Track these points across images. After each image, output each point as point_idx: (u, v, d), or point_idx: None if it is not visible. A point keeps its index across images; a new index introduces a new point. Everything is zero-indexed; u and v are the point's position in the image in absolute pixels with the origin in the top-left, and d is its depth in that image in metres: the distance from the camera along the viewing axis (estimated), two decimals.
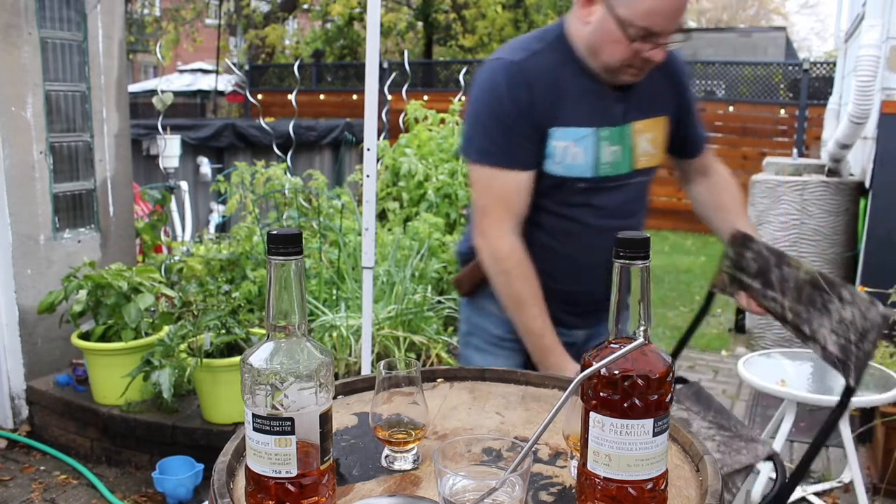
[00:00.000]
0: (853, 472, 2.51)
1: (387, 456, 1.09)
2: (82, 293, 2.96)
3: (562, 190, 1.63)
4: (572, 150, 1.60)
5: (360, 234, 3.50)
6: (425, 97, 8.61)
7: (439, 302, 3.76)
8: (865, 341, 1.43)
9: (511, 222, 1.61)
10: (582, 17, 1.56)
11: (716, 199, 1.90)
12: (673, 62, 1.69)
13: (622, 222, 1.66)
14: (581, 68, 1.60)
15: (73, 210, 3.41)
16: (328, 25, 16.29)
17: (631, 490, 0.87)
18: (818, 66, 9.30)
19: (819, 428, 1.54)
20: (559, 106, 1.58)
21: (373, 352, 3.14)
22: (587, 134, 1.60)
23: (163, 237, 4.18)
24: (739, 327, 5.09)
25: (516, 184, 1.60)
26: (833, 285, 1.51)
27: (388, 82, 6.12)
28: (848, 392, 1.48)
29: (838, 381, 2.62)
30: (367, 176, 2.53)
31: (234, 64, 13.91)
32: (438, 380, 1.39)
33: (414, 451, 1.09)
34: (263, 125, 5.49)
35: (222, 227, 6.36)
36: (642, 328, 0.87)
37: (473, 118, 1.62)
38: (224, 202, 5.15)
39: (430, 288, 3.77)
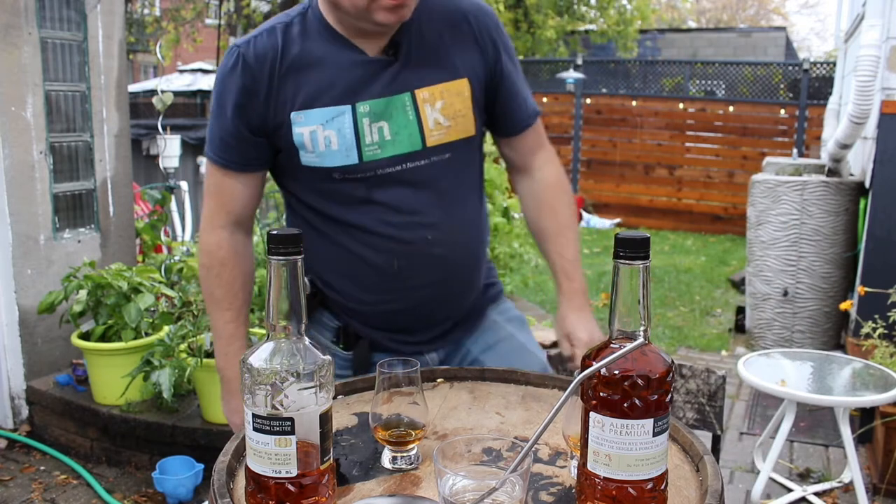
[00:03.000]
0: (853, 472, 2.51)
1: (387, 456, 1.09)
2: (82, 293, 2.96)
3: (332, 186, 1.39)
4: (322, 135, 1.36)
5: None
6: None
7: None
8: (716, 398, 1.76)
9: (224, 219, 1.47)
10: None
11: (537, 219, 1.56)
12: (475, 16, 1.43)
13: (430, 218, 1.40)
14: (331, 37, 1.37)
15: (73, 210, 3.41)
16: None
17: (631, 490, 0.87)
18: (818, 65, 9.30)
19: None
20: (296, 87, 1.35)
21: None
22: (339, 113, 1.35)
23: (163, 237, 4.18)
24: (739, 327, 5.09)
25: (229, 184, 1.44)
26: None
27: None
28: (716, 438, 1.75)
29: (838, 382, 2.63)
30: None
31: None
32: (438, 380, 1.39)
33: (414, 451, 1.09)
34: None
35: None
36: (642, 328, 0.87)
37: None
38: None
39: None
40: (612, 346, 0.88)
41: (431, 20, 1.40)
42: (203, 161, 7.07)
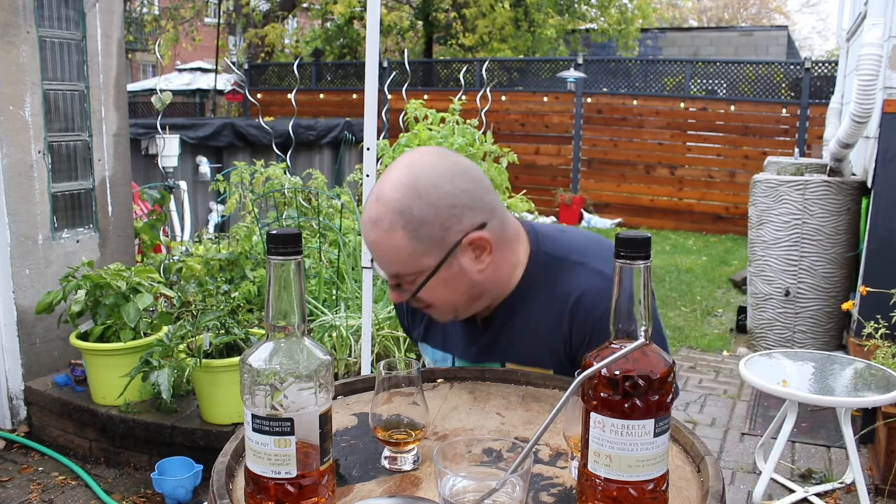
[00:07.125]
0: (855, 473, 2.50)
1: (387, 456, 1.08)
2: (81, 293, 2.95)
3: None
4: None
5: (359, 234, 3.49)
6: (425, 96, 8.60)
7: None
8: None
9: None
10: None
11: None
12: (574, 308, 1.30)
13: None
14: None
15: (72, 210, 3.41)
16: (328, 24, 16.30)
17: (632, 491, 0.86)
18: (820, 65, 9.28)
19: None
20: (424, 320, 1.53)
21: (373, 352, 3.13)
22: (444, 359, 1.51)
23: (162, 237, 4.18)
24: (741, 327, 5.08)
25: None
26: None
27: (388, 81, 6.11)
28: None
29: (840, 382, 2.62)
30: (367, 175, 2.53)
31: (234, 63, 13.91)
32: (438, 380, 1.39)
33: (414, 452, 1.08)
34: (263, 124, 5.49)
35: (221, 227, 6.36)
36: (643, 328, 0.87)
37: None
38: (223, 202, 5.15)
39: None
40: (612, 346, 0.87)
41: (538, 297, 1.35)
42: (202, 160, 7.09)
